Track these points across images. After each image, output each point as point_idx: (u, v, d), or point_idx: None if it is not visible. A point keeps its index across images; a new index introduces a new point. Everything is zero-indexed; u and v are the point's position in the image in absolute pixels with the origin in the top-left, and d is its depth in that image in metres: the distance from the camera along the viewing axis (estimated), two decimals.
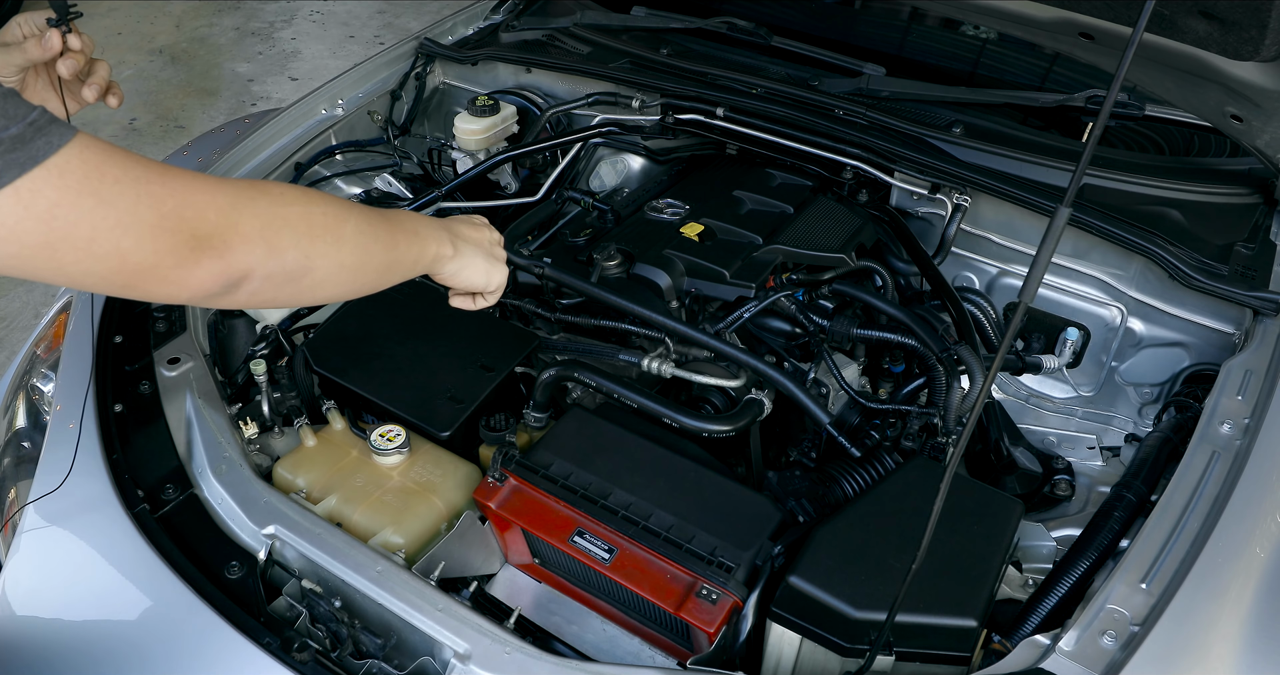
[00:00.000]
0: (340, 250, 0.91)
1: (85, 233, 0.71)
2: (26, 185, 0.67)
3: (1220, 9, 1.26)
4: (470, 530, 1.36)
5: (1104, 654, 1.04)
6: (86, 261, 0.72)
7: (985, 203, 1.73)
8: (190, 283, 0.78)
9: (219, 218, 0.78)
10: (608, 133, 2.01)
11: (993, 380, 1.10)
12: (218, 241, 0.78)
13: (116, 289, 0.76)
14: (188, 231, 0.76)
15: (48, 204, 0.68)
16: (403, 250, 1.02)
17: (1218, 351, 1.59)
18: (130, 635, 1.21)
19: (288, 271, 0.85)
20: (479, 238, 1.18)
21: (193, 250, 0.77)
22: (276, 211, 0.84)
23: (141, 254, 0.74)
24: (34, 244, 0.69)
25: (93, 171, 0.71)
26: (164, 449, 1.38)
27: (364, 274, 0.97)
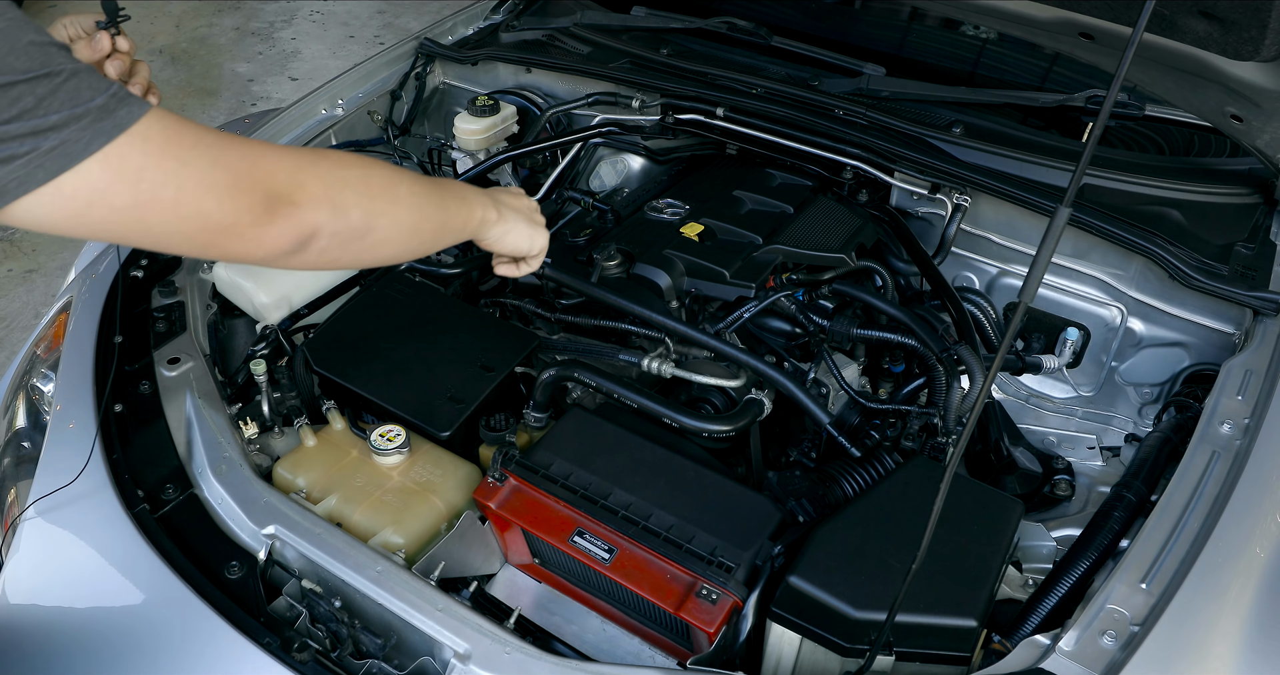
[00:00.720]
0: (397, 209, 0.96)
1: (170, 194, 0.76)
2: (114, 151, 0.72)
3: (1220, 9, 1.26)
4: (470, 530, 1.36)
5: (1104, 654, 1.04)
6: (172, 221, 0.77)
7: (985, 203, 1.73)
8: (266, 240, 0.83)
9: (287, 179, 0.84)
10: (608, 133, 2.01)
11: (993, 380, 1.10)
12: (288, 201, 0.83)
13: (199, 248, 0.81)
14: (261, 191, 0.81)
15: (135, 168, 0.73)
16: (453, 212, 1.08)
17: (1218, 351, 1.59)
18: (130, 635, 1.21)
19: (353, 229, 0.90)
20: (519, 204, 1.24)
21: (266, 209, 0.82)
22: (338, 173, 0.89)
23: (222, 213, 0.79)
24: (123, 206, 0.74)
25: (172, 137, 0.76)
26: (164, 449, 1.38)
27: (420, 234, 1.02)
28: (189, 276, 1.68)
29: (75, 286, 1.67)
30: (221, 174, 0.79)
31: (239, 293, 1.71)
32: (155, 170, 0.75)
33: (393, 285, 1.69)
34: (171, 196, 0.76)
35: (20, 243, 3.73)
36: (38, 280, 3.53)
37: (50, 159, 0.70)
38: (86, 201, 0.73)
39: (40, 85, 0.68)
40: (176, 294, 1.63)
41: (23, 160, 0.69)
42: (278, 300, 1.68)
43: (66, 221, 0.74)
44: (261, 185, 0.81)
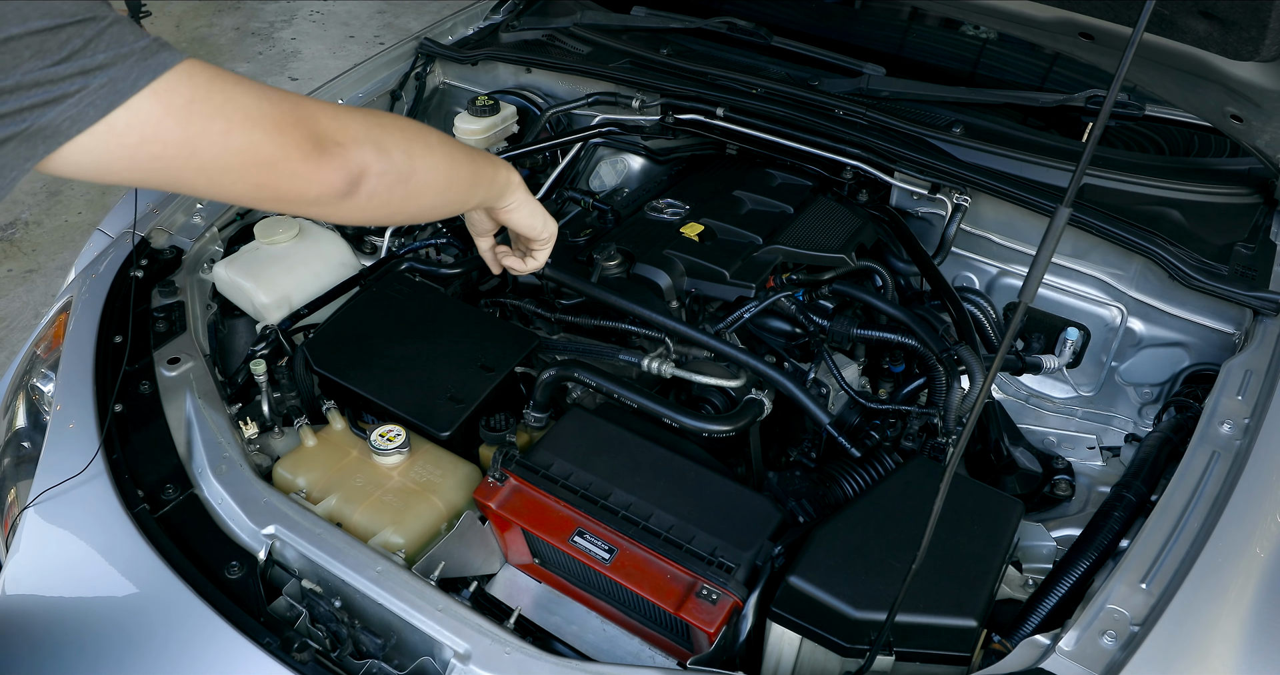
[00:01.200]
0: (434, 155, 0.99)
1: (220, 126, 0.77)
2: (163, 86, 0.73)
3: (1220, 9, 1.26)
4: (470, 530, 1.36)
5: (1104, 654, 1.04)
6: (223, 155, 0.78)
7: (985, 203, 1.73)
8: (318, 178, 0.85)
9: (330, 120, 0.86)
10: (608, 133, 2.01)
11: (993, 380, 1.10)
12: (333, 141, 0.85)
13: (253, 187, 0.83)
14: (307, 128, 0.83)
15: (184, 100, 0.75)
16: (482, 165, 1.10)
17: (1218, 351, 1.59)
18: (130, 635, 1.21)
19: (398, 171, 0.92)
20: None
21: (315, 146, 0.84)
22: (374, 120, 0.92)
23: (271, 146, 0.80)
24: (176, 141, 0.75)
25: (216, 76, 0.78)
26: (164, 449, 1.38)
27: (455, 185, 1.04)
28: (189, 276, 1.68)
29: (75, 286, 1.67)
30: (268, 108, 0.80)
31: (239, 293, 1.71)
32: (204, 103, 0.76)
33: (393, 285, 1.69)
34: (221, 128, 0.77)
35: (20, 243, 3.73)
36: (38, 280, 3.53)
37: (100, 95, 0.71)
38: (140, 137, 0.73)
39: (87, 28, 0.70)
40: (176, 294, 1.63)
41: (74, 99, 0.70)
42: (278, 300, 1.69)
43: (121, 162, 0.74)
44: (306, 123, 0.83)
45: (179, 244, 1.71)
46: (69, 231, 3.79)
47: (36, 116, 0.69)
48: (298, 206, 0.87)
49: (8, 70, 0.67)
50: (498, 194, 1.16)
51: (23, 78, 0.67)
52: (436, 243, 1.93)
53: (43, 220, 3.85)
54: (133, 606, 1.23)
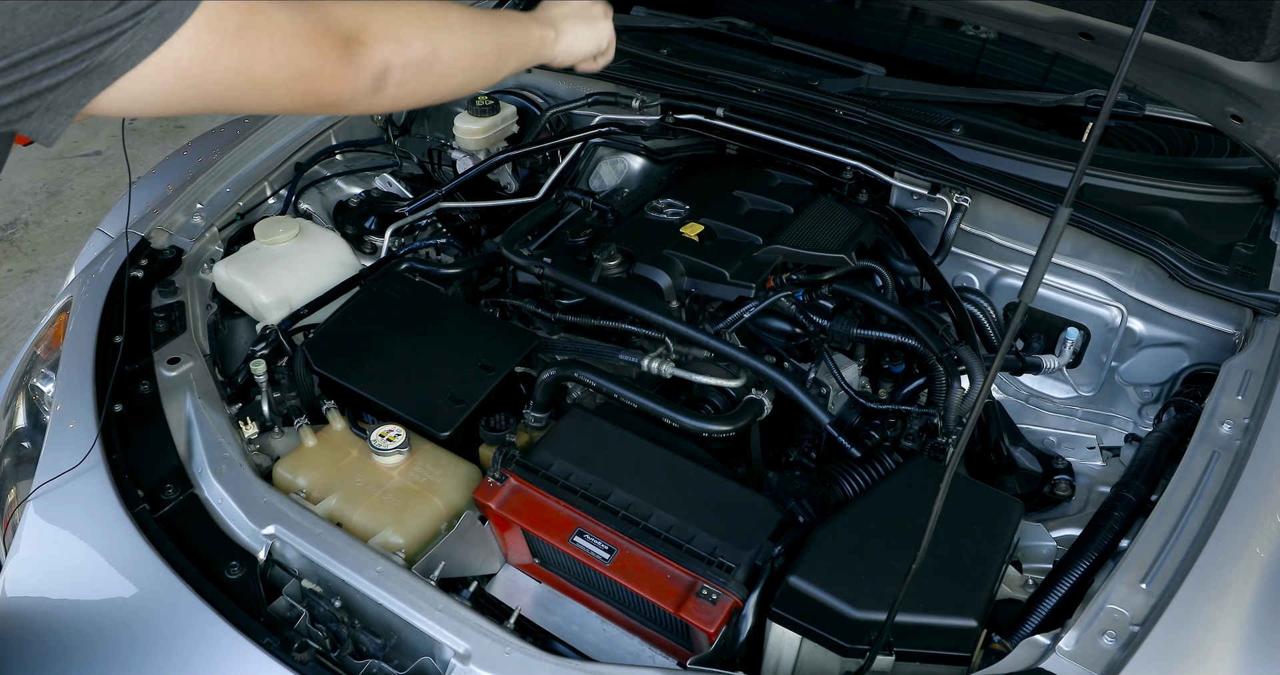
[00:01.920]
0: (454, 35, 1.01)
1: (267, 45, 0.82)
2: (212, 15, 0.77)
3: (1220, 9, 1.26)
4: (470, 530, 1.36)
5: (1104, 654, 1.04)
6: (273, 71, 0.83)
7: (985, 203, 1.73)
8: (351, 78, 0.90)
9: (350, 20, 0.90)
10: (608, 133, 2.01)
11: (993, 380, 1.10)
12: (357, 40, 0.90)
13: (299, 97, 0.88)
14: (335, 33, 0.88)
15: (234, 25, 0.79)
16: (509, 32, 1.11)
17: (1218, 351, 1.59)
18: (130, 635, 1.21)
19: (420, 60, 0.96)
20: (570, 9, 1.24)
21: (344, 50, 0.88)
22: (391, 10, 0.95)
23: (310, 56, 0.85)
24: (233, 65, 0.80)
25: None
26: (164, 449, 1.38)
27: (482, 59, 1.06)
28: (189, 276, 1.68)
29: (75, 286, 1.67)
30: (301, 21, 0.85)
31: (239, 293, 1.71)
32: (249, 27, 0.80)
33: (393, 285, 1.69)
34: (269, 47, 0.82)
35: (20, 243, 3.73)
36: (38, 280, 3.54)
37: (152, 30, 0.74)
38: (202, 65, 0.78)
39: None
40: (176, 294, 1.63)
41: (128, 35, 0.73)
42: (278, 300, 1.69)
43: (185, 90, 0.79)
44: (334, 28, 0.88)
45: (179, 244, 1.71)
46: (69, 231, 3.79)
47: (93, 56, 0.73)
48: (336, 107, 0.93)
49: (70, 21, 0.70)
50: (533, 56, 1.17)
51: (84, 27, 0.71)
52: (436, 243, 1.94)
53: (43, 220, 3.86)
54: (133, 606, 1.23)
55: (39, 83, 0.72)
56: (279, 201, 1.92)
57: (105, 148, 4.32)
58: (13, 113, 0.73)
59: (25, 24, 0.69)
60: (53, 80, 0.72)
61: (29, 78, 0.71)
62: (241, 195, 1.83)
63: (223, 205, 1.80)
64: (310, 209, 1.99)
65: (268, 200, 1.91)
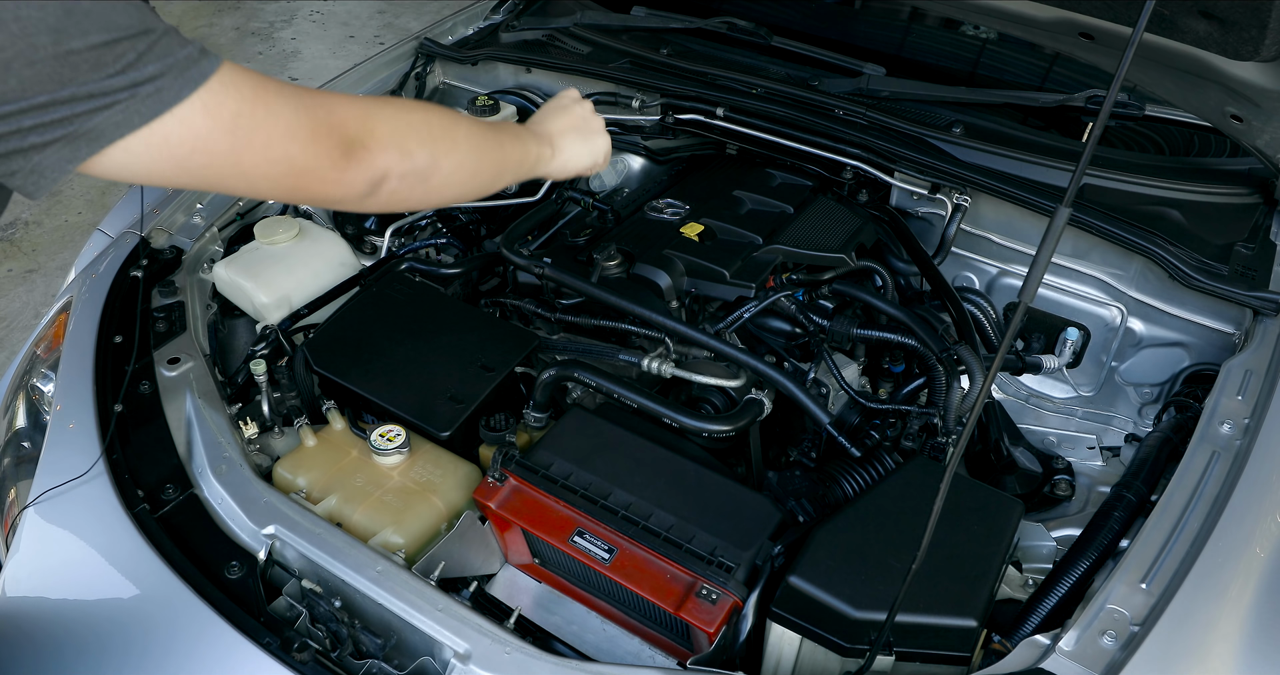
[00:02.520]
0: (457, 150, 1.01)
1: (262, 139, 0.81)
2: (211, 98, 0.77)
3: (1220, 9, 1.26)
4: (470, 530, 1.36)
5: (1104, 654, 1.04)
6: (264, 165, 0.83)
7: (985, 203, 1.73)
8: (344, 183, 0.89)
9: (359, 125, 0.89)
10: None
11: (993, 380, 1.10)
12: (360, 146, 0.89)
13: (286, 192, 0.88)
14: (337, 137, 0.87)
15: (231, 114, 0.79)
16: (509, 150, 1.12)
17: (1218, 351, 1.59)
18: (131, 635, 1.21)
19: (418, 171, 0.95)
20: (568, 123, 1.25)
21: (343, 155, 0.87)
22: (402, 118, 0.95)
23: (305, 157, 0.85)
24: (222, 152, 0.80)
25: (257, 85, 0.81)
26: (164, 449, 1.38)
27: (480, 175, 1.07)
28: (189, 276, 1.68)
29: (75, 286, 1.67)
30: (304, 119, 0.84)
31: (239, 293, 1.71)
32: (248, 117, 0.80)
33: (393, 285, 1.69)
34: (263, 141, 0.81)
35: (20, 242, 3.73)
36: (38, 280, 3.53)
37: (146, 104, 0.74)
38: (190, 148, 0.78)
39: (141, 42, 0.73)
40: (176, 294, 1.63)
41: (121, 106, 0.73)
42: (278, 300, 1.69)
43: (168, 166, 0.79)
44: (337, 131, 0.87)
45: (179, 244, 1.71)
46: (69, 231, 3.79)
47: (83, 121, 0.72)
48: (323, 204, 0.92)
49: (64, 82, 0.70)
50: (528, 171, 1.19)
51: (78, 89, 0.70)
52: (436, 243, 1.94)
53: (43, 220, 3.85)
54: (133, 606, 1.23)
55: (25, 139, 0.71)
56: (279, 201, 1.92)
57: None
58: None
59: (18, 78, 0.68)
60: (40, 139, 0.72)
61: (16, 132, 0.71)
62: None
63: (223, 205, 1.80)
64: (310, 209, 1.99)
65: (268, 200, 1.91)
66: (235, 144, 0.80)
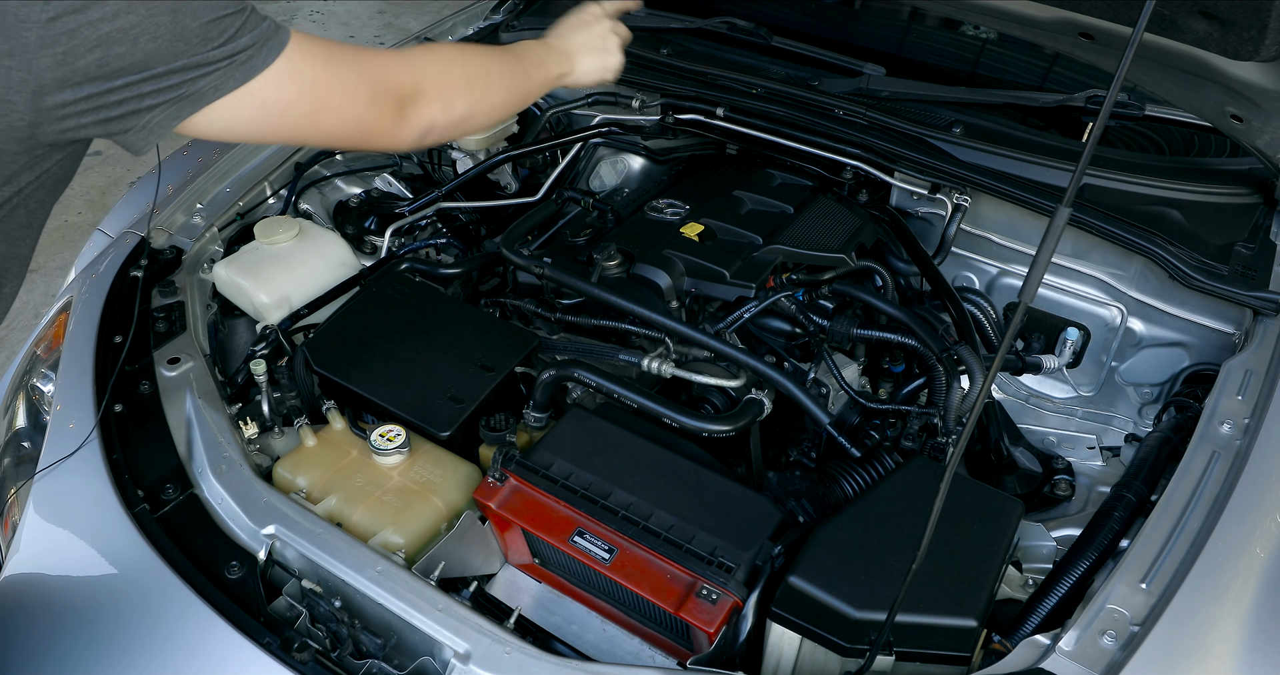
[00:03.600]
0: (491, 94, 1.14)
1: (336, 101, 0.95)
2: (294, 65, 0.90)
3: (1220, 9, 1.26)
4: (470, 530, 1.36)
5: (1104, 654, 1.04)
6: (339, 125, 0.97)
7: (985, 203, 1.73)
8: (400, 134, 1.03)
9: (408, 82, 1.02)
10: (608, 133, 2.01)
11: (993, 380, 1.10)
12: (410, 102, 1.02)
13: (352, 142, 1.02)
14: (393, 94, 1.00)
15: (310, 80, 0.92)
16: (533, 77, 1.25)
17: (1218, 351, 1.59)
18: (130, 635, 1.21)
19: (458, 118, 1.09)
20: (586, 40, 1.36)
21: (399, 110, 1.01)
22: (442, 71, 1.07)
23: (371, 115, 0.99)
24: (305, 114, 0.93)
25: (324, 52, 0.94)
26: (164, 449, 1.38)
27: (509, 106, 1.20)
28: (189, 276, 1.68)
29: (75, 286, 1.67)
30: (366, 81, 0.97)
31: (239, 293, 1.71)
32: (323, 83, 0.93)
33: (393, 285, 1.69)
34: (337, 103, 0.95)
35: None
36: (38, 280, 3.53)
37: (240, 70, 0.87)
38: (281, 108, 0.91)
39: (238, 18, 0.86)
40: (176, 294, 1.63)
41: (220, 73, 0.86)
42: (278, 300, 1.69)
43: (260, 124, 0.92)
44: (392, 90, 1.00)
45: (179, 244, 1.71)
46: (69, 231, 3.79)
47: (189, 86, 0.85)
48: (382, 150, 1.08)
49: (179, 54, 0.82)
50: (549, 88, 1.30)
51: (189, 60, 0.83)
52: (436, 243, 1.94)
53: None
54: (133, 606, 1.23)
55: (143, 102, 0.84)
56: (279, 201, 1.92)
57: (105, 148, 4.32)
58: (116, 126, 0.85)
59: (143, 51, 0.80)
60: (154, 101, 0.84)
61: (137, 97, 0.83)
62: (241, 195, 1.83)
63: (223, 205, 1.80)
64: (310, 209, 1.99)
65: (268, 200, 1.91)
66: (315, 106, 0.93)
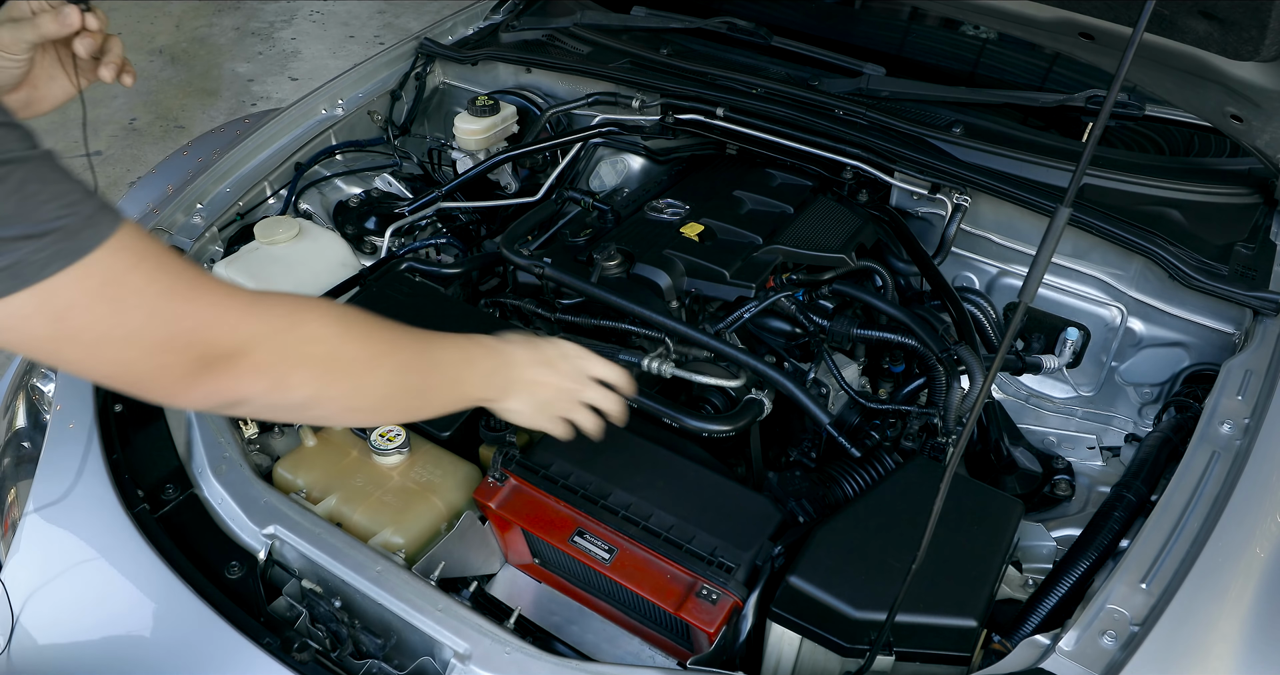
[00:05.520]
0: (356, 395, 0.88)
1: (92, 337, 0.70)
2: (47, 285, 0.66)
3: (1220, 9, 1.26)
4: (470, 530, 1.36)
5: (1104, 654, 1.04)
6: (88, 361, 0.72)
7: (985, 203, 1.73)
8: (183, 398, 0.78)
9: (235, 345, 0.77)
10: (608, 133, 2.01)
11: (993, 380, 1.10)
12: (223, 366, 0.77)
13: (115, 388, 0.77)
14: (195, 353, 0.75)
15: (63, 305, 0.68)
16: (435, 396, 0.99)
17: (1218, 351, 1.59)
18: (130, 635, 1.21)
19: (289, 405, 0.84)
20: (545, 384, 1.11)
21: (194, 371, 0.75)
22: (300, 350, 0.82)
23: (142, 366, 0.73)
24: (40, 337, 0.69)
25: (115, 278, 0.69)
26: (164, 449, 1.38)
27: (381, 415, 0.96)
28: None
29: None
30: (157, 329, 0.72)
31: None
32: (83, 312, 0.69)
33: (393, 285, 1.69)
34: (92, 340, 0.70)
35: None
36: None
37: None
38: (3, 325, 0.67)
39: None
40: None
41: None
42: None
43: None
44: (198, 347, 0.75)
45: (179, 244, 1.71)
46: None
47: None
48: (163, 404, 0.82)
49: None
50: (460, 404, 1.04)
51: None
52: (436, 243, 1.94)
53: None
54: (133, 606, 1.23)
55: None
56: (279, 201, 1.92)
57: (105, 148, 4.32)
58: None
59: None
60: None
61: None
62: (241, 195, 1.83)
63: (223, 205, 1.80)
64: (310, 209, 1.99)
65: (268, 200, 1.91)
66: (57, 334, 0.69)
